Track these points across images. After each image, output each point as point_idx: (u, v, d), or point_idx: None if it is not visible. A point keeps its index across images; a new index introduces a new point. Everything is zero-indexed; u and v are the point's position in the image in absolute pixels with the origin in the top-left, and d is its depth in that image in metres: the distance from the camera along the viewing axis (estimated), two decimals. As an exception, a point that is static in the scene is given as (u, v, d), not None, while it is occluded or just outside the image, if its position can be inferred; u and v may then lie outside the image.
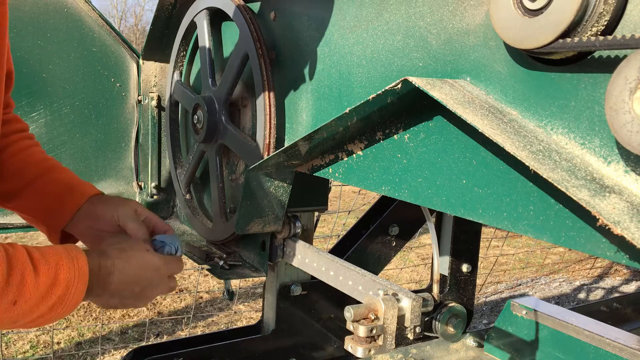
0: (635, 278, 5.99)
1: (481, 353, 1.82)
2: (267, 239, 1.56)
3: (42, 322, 1.02)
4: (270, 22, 1.41)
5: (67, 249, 1.05)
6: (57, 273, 1.00)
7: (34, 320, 1.00)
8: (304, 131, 1.33)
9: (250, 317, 4.42)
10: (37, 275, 0.97)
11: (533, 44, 0.76)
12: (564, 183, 0.69)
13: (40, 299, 0.98)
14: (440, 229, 1.80)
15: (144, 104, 2.01)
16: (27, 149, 1.40)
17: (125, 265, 1.13)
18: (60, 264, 1.01)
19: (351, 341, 1.11)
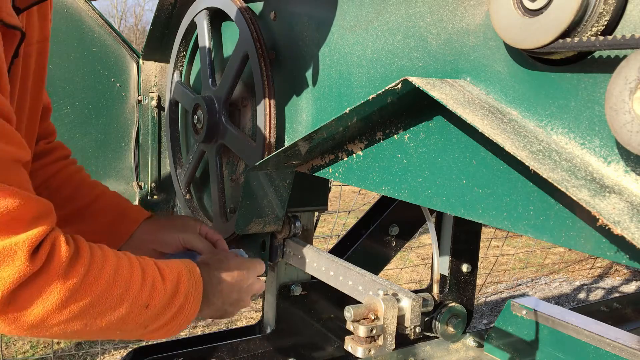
0: (635, 278, 5.99)
1: (481, 353, 1.82)
2: (267, 239, 1.56)
3: (165, 331, 1.07)
4: (270, 22, 1.41)
5: (184, 262, 1.13)
6: (178, 282, 1.07)
7: (159, 329, 1.06)
8: (304, 131, 1.33)
9: (250, 317, 4.42)
10: (164, 283, 1.04)
11: (533, 44, 0.76)
12: (564, 183, 0.69)
13: (166, 305, 1.04)
14: (440, 229, 1.80)
15: (144, 104, 2.01)
16: (75, 174, 1.48)
17: (228, 273, 1.22)
18: (180, 274, 1.08)
19: (351, 341, 1.11)
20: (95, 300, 0.94)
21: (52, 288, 0.89)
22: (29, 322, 0.88)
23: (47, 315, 0.89)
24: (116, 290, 0.97)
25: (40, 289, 0.88)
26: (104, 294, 0.95)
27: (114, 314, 0.97)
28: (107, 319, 0.97)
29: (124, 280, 0.99)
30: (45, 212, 0.91)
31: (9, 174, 0.87)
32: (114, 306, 0.97)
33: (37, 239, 0.87)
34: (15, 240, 0.84)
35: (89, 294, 0.93)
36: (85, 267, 0.94)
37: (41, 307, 0.88)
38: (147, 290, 1.01)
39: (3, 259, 0.83)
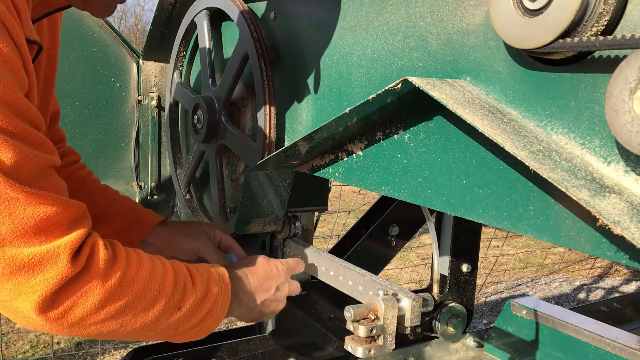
0: (635, 278, 5.99)
1: (481, 353, 1.82)
2: (267, 239, 1.56)
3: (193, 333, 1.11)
4: (270, 22, 1.41)
5: (213, 266, 1.17)
6: (208, 286, 1.11)
7: (188, 330, 1.09)
8: (304, 131, 1.33)
9: (250, 317, 4.41)
10: (194, 285, 1.08)
11: (533, 44, 0.76)
12: (564, 183, 0.69)
13: (196, 308, 1.08)
14: (440, 229, 1.80)
15: (144, 104, 2.01)
16: (86, 179, 1.51)
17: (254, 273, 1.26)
18: (210, 278, 1.12)
19: (351, 341, 1.11)
20: (132, 301, 0.98)
21: (92, 289, 0.92)
22: (69, 322, 0.91)
23: (86, 315, 0.92)
24: (151, 292, 1.01)
25: (80, 290, 0.91)
26: (139, 296, 0.99)
27: (148, 315, 1.01)
28: (141, 319, 1.00)
29: (158, 283, 1.03)
30: (82, 215, 0.95)
31: (47, 181, 0.91)
32: (149, 307, 1.01)
33: (78, 241, 0.91)
34: (57, 244, 0.87)
35: (126, 295, 0.97)
36: (122, 269, 0.98)
37: (81, 307, 0.91)
38: (179, 292, 1.05)
39: (46, 262, 0.86)
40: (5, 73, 0.84)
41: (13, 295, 0.86)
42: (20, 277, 0.85)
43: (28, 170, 0.86)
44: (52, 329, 0.91)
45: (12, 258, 0.84)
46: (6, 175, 0.82)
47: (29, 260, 0.85)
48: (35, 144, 0.89)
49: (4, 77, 0.83)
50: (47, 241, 0.87)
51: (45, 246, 0.86)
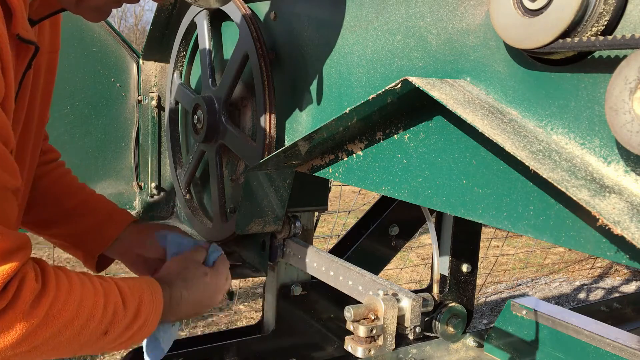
0: (635, 278, 5.99)
1: (481, 353, 1.82)
2: (267, 239, 1.56)
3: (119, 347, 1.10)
4: (270, 22, 1.41)
5: (148, 284, 1.15)
6: (139, 306, 1.09)
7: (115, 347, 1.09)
8: (304, 131, 1.33)
9: (250, 317, 4.42)
10: (125, 309, 1.06)
11: (533, 44, 0.76)
12: (564, 183, 0.69)
13: (124, 329, 1.06)
14: (440, 229, 1.80)
15: (144, 104, 2.01)
16: (62, 177, 1.51)
17: (191, 294, 1.26)
18: (142, 298, 1.11)
19: (351, 341, 1.11)
20: (57, 332, 0.95)
21: (15, 325, 0.88)
22: None
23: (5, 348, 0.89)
24: (78, 321, 0.98)
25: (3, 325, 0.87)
26: (65, 326, 0.96)
27: (73, 343, 0.99)
28: (65, 347, 0.98)
29: (87, 311, 0.99)
30: (19, 247, 0.89)
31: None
32: (74, 336, 0.98)
33: (8, 275, 0.86)
34: None
35: (50, 328, 0.94)
36: (50, 302, 0.93)
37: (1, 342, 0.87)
38: (109, 318, 1.02)
39: None
40: None
41: None
42: None
43: None
44: None
45: None
46: None
47: None
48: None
49: None
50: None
51: None
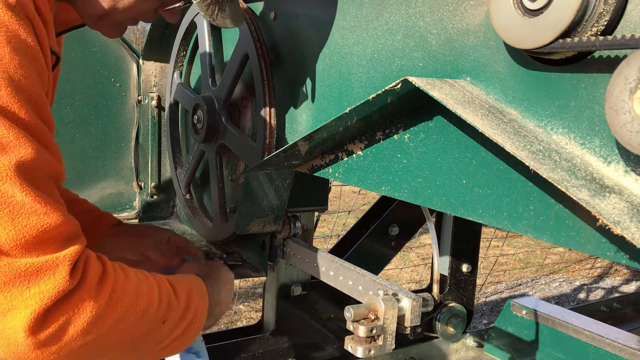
0: (635, 278, 5.99)
1: (481, 353, 1.82)
2: (267, 239, 1.56)
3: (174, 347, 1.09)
4: (270, 22, 1.41)
5: (192, 279, 1.16)
6: (189, 299, 1.09)
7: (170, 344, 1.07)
8: (304, 131, 1.33)
9: (250, 317, 4.42)
10: (177, 299, 1.06)
11: (533, 44, 0.76)
12: (564, 183, 0.69)
13: (179, 319, 1.06)
14: (440, 229, 1.80)
15: (144, 104, 2.01)
16: None
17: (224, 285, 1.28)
18: (190, 291, 1.11)
19: (351, 341, 1.11)
20: (121, 316, 0.94)
21: (85, 307, 0.87)
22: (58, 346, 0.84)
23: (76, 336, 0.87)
24: (138, 306, 0.97)
25: (74, 307, 0.86)
26: (128, 311, 0.95)
27: (135, 331, 0.96)
28: (129, 336, 0.96)
29: (145, 297, 0.99)
30: (79, 232, 0.91)
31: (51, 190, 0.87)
32: (137, 322, 0.96)
33: (76, 255, 0.86)
34: (57, 256, 0.83)
35: (116, 311, 0.93)
36: (112, 282, 0.93)
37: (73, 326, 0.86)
38: (165, 306, 1.02)
39: (44, 273, 0.81)
40: (32, 70, 0.81)
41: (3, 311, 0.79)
42: (14, 289, 0.79)
43: (39, 173, 0.82)
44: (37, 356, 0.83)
45: (8, 267, 0.78)
46: (19, 172, 0.78)
47: (25, 270, 0.79)
48: (49, 149, 0.85)
49: (31, 74, 0.81)
50: (46, 253, 0.82)
51: (44, 257, 0.81)
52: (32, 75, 0.81)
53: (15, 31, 0.79)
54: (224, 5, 1.08)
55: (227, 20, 1.11)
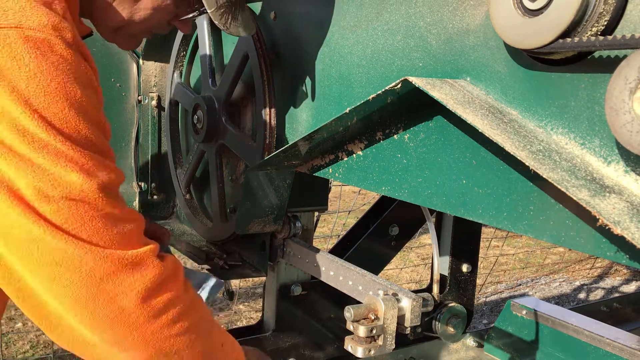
0: (635, 278, 5.99)
1: (481, 353, 1.82)
2: (267, 239, 1.56)
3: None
4: (270, 22, 1.41)
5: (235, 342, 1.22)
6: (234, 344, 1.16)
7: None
8: (304, 131, 1.33)
9: (250, 317, 4.42)
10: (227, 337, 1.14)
11: (533, 44, 0.76)
12: (564, 183, 0.69)
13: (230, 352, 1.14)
14: (440, 229, 1.80)
15: (144, 104, 2.01)
16: None
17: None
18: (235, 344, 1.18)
19: (351, 341, 1.11)
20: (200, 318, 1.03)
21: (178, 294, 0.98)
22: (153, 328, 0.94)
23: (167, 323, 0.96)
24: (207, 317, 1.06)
25: (171, 291, 0.97)
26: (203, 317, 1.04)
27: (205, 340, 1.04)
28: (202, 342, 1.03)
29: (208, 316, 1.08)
30: None
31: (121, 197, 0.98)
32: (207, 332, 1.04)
33: (156, 248, 0.98)
34: (148, 248, 0.96)
35: (197, 311, 1.02)
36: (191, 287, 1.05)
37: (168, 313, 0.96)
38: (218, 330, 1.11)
39: (143, 261, 0.94)
40: (95, 97, 0.92)
41: (113, 296, 0.90)
42: (122, 276, 0.91)
43: (115, 187, 0.94)
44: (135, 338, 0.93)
45: (114, 259, 0.90)
46: (104, 192, 0.89)
47: (128, 260, 0.91)
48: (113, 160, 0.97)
49: (94, 101, 0.92)
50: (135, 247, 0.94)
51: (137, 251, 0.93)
52: (95, 101, 0.93)
53: (78, 66, 0.88)
54: (237, 14, 1.13)
55: (240, 28, 1.16)
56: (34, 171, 0.83)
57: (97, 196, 0.88)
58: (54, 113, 0.83)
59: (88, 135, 0.89)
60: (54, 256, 0.86)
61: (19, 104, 0.81)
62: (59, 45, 0.84)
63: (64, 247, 0.86)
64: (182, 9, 1.15)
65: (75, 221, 0.86)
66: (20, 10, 0.82)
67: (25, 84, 0.81)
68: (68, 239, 0.86)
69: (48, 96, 0.83)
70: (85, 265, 0.87)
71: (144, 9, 1.09)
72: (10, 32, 0.80)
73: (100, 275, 0.88)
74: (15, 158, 0.82)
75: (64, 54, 0.85)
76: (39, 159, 0.83)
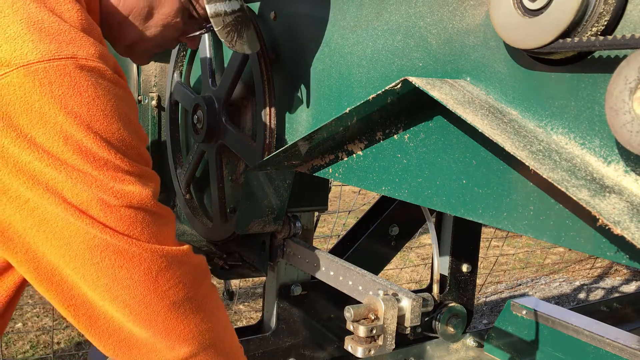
0: (635, 278, 5.99)
1: (481, 353, 1.82)
2: (267, 239, 1.56)
3: None
4: (270, 22, 1.41)
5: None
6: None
7: None
8: (304, 131, 1.33)
9: (250, 317, 4.42)
10: None
11: (533, 44, 0.76)
12: (564, 183, 0.69)
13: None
14: (440, 229, 1.81)
15: (144, 104, 2.01)
16: None
17: None
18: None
19: (351, 341, 1.11)
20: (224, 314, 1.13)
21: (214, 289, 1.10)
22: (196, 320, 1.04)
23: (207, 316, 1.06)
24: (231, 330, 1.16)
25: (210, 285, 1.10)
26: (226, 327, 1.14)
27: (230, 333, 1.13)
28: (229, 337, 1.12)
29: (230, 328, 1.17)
30: None
31: None
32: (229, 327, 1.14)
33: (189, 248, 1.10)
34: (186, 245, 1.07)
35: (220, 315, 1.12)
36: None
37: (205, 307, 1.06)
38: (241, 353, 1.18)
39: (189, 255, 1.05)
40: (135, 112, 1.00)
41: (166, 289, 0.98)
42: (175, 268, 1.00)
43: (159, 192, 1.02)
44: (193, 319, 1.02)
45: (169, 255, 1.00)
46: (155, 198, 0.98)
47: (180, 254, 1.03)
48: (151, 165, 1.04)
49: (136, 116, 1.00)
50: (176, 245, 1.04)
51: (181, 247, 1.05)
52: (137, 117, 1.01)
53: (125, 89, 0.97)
54: (242, 32, 1.18)
55: (245, 46, 1.20)
56: (98, 186, 0.90)
57: (152, 202, 0.97)
58: (112, 133, 0.91)
59: (139, 149, 0.98)
60: (117, 259, 0.93)
61: (82, 128, 0.88)
62: (107, 71, 0.92)
63: (127, 247, 0.94)
64: (189, 26, 1.20)
65: (137, 226, 0.95)
66: (71, 41, 0.90)
67: (86, 109, 0.89)
68: (130, 241, 0.94)
69: (106, 119, 0.91)
70: (144, 262, 0.95)
71: (154, 27, 1.15)
72: (68, 62, 0.88)
73: (156, 270, 0.97)
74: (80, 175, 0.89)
75: (112, 79, 0.93)
76: (100, 176, 0.90)
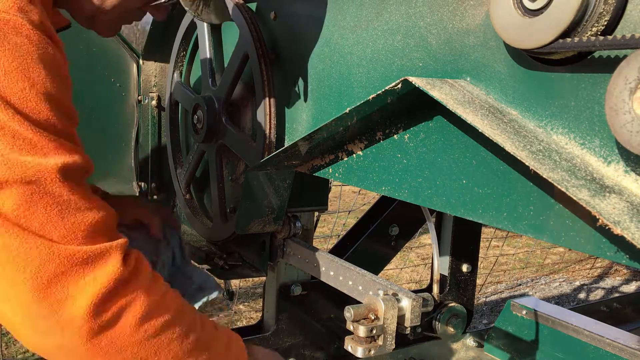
0: (635, 278, 5.99)
1: (481, 353, 1.82)
2: (267, 239, 1.56)
3: None
4: (270, 22, 1.41)
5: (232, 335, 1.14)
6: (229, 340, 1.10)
7: None
8: (304, 131, 1.33)
9: (250, 317, 4.42)
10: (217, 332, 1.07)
11: (533, 44, 0.76)
12: (564, 183, 0.69)
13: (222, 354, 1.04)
14: (440, 229, 1.80)
15: (144, 104, 2.01)
16: None
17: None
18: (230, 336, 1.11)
19: (351, 341, 1.11)
20: (170, 322, 0.94)
21: (139, 297, 0.89)
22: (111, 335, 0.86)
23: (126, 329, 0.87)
24: (186, 319, 0.97)
25: (129, 295, 0.88)
26: (176, 318, 0.95)
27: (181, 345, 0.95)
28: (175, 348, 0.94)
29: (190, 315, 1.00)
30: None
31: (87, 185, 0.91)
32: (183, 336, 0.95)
33: (124, 245, 0.90)
34: (108, 245, 0.87)
35: (166, 314, 0.93)
36: (164, 287, 0.96)
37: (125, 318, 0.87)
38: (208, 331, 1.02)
39: (98, 261, 0.85)
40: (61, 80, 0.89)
41: (60, 300, 0.81)
42: (70, 277, 0.82)
43: (78, 172, 0.87)
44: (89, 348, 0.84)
45: (62, 257, 0.82)
46: (63, 174, 0.82)
47: (79, 259, 0.83)
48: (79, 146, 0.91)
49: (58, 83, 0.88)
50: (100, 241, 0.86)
51: (96, 246, 0.85)
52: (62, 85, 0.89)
53: (45, 48, 0.85)
54: (209, 0, 1.11)
55: (212, 15, 1.13)
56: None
57: (54, 177, 0.81)
58: (13, 93, 0.79)
59: (50, 117, 0.84)
60: None
61: None
62: (24, 26, 0.82)
63: (9, 242, 0.78)
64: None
65: (27, 208, 0.78)
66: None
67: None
68: (14, 231, 0.78)
69: (8, 76, 0.79)
70: (31, 264, 0.79)
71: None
72: None
73: (48, 276, 0.80)
74: None
75: (29, 34, 0.82)
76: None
